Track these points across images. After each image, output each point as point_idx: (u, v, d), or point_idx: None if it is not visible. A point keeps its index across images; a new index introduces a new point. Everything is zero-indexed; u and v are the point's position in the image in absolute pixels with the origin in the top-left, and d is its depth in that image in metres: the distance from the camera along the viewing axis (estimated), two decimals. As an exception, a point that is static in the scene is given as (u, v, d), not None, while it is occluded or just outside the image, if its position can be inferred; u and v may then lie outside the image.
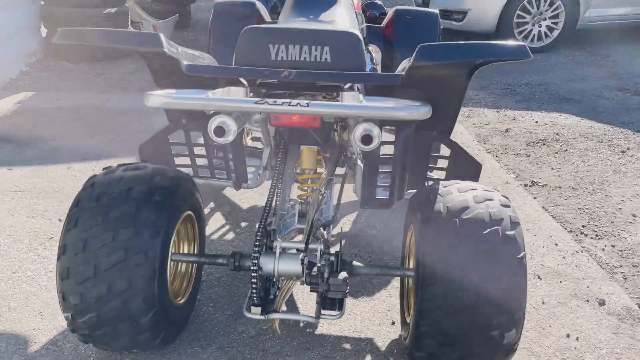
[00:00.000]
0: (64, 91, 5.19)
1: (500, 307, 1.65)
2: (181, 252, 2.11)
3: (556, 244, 2.86)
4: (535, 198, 3.36)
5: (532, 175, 3.65)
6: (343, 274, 1.81)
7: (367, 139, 1.57)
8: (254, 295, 1.84)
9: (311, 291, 1.85)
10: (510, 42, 1.51)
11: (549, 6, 6.64)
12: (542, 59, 6.48)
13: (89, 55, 5.98)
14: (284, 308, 2.08)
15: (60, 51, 6.00)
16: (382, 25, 3.17)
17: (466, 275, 1.64)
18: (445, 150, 2.24)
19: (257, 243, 1.86)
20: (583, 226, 3.05)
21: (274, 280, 1.98)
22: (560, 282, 2.55)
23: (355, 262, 1.96)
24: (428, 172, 2.30)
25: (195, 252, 2.18)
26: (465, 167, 2.17)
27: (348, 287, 1.80)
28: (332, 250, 1.86)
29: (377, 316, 2.29)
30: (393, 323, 2.24)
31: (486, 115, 4.78)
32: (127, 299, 1.73)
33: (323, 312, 1.87)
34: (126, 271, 1.71)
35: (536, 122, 4.60)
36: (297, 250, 1.96)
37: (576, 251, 2.80)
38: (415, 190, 2.30)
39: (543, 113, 4.81)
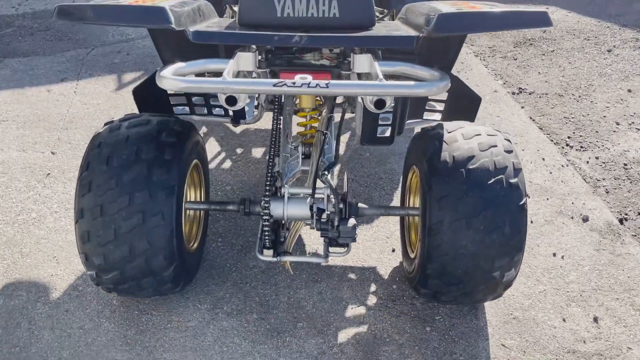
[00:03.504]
0: (24, -6, 4.82)
1: (502, 252, 1.77)
2: (189, 199, 2.15)
3: (543, 159, 2.97)
4: (522, 107, 3.41)
5: (520, 82, 3.67)
6: (352, 221, 1.89)
7: (380, 103, 1.57)
8: (266, 239, 1.93)
9: (321, 236, 1.94)
10: (531, 9, 1.46)
11: None
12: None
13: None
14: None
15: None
16: None
17: (471, 224, 1.74)
18: None
19: (267, 188, 1.91)
20: (569, 137, 3.15)
21: (283, 222, 2.05)
22: (547, 199, 2.70)
23: (360, 204, 2.04)
24: (426, 105, 2.31)
25: (202, 197, 2.23)
26: (465, 101, 2.19)
27: (357, 233, 1.90)
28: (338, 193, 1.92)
29: (378, 244, 2.42)
30: (393, 250, 2.39)
31: (473, 11, 4.65)
32: (148, 257, 1.80)
33: (331, 249, 1.98)
34: (145, 233, 1.76)
35: (523, 18, 4.51)
36: (304, 194, 2.02)
37: (562, 165, 2.93)
38: (414, 121, 2.34)
39: (530, 7, 4.70)
